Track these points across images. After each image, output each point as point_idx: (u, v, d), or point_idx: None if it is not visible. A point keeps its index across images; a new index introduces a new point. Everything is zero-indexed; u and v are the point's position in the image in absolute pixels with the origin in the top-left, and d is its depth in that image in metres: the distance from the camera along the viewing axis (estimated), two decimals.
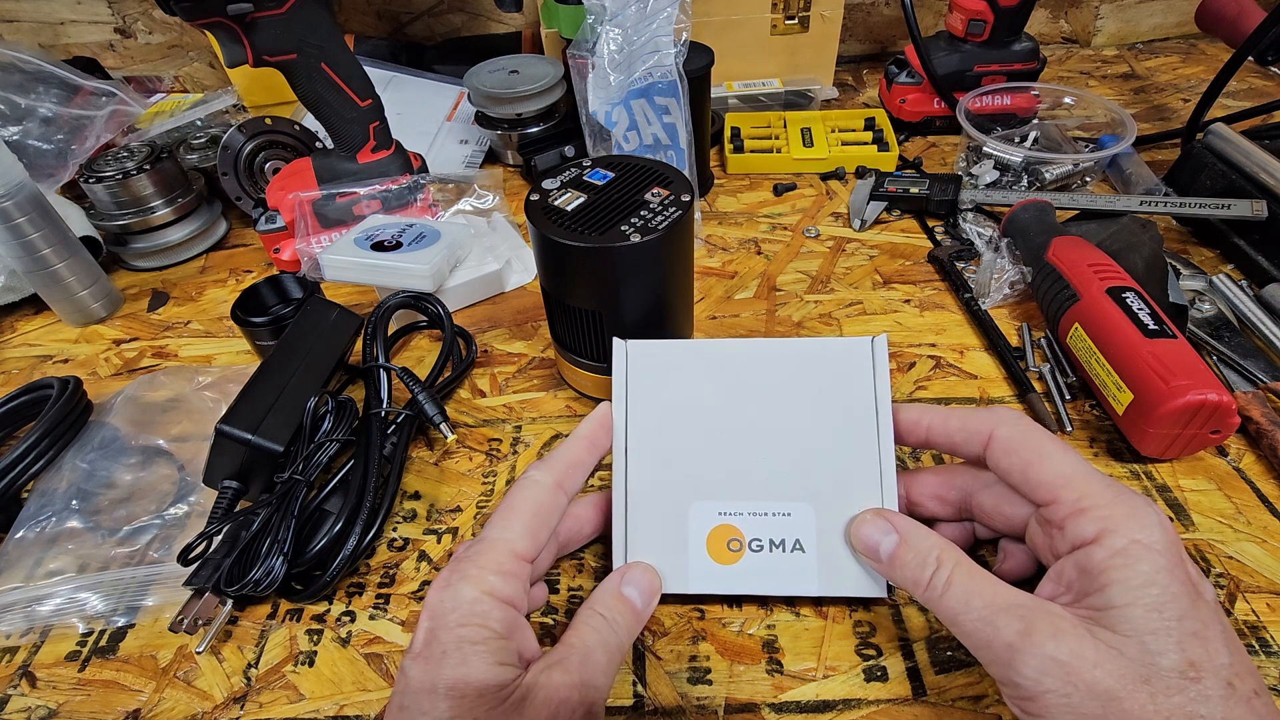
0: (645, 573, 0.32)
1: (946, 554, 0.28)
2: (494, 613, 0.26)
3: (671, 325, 0.43)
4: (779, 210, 0.65)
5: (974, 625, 0.26)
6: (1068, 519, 0.26)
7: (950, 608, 0.27)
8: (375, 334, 0.46)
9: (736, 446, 0.34)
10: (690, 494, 0.34)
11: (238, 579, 0.35)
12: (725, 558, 0.33)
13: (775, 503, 0.33)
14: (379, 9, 0.89)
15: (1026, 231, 0.52)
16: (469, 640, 0.25)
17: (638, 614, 0.31)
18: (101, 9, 0.85)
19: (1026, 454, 0.28)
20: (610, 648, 0.28)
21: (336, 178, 0.57)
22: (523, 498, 0.30)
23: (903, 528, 0.30)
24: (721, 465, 0.34)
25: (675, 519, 0.33)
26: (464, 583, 0.27)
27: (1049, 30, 0.93)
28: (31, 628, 0.37)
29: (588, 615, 0.29)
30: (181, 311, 0.59)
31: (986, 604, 0.26)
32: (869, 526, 0.31)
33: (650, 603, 0.31)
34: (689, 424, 0.34)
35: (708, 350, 0.35)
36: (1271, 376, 0.44)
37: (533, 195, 0.41)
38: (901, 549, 0.29)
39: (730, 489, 0.34)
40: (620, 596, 0.30)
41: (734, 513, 0.33)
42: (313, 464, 0.38)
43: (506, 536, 0.28)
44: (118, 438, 0.44)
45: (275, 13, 0.49)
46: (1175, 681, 0.22)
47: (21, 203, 0.50)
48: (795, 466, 0.34)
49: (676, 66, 0.52)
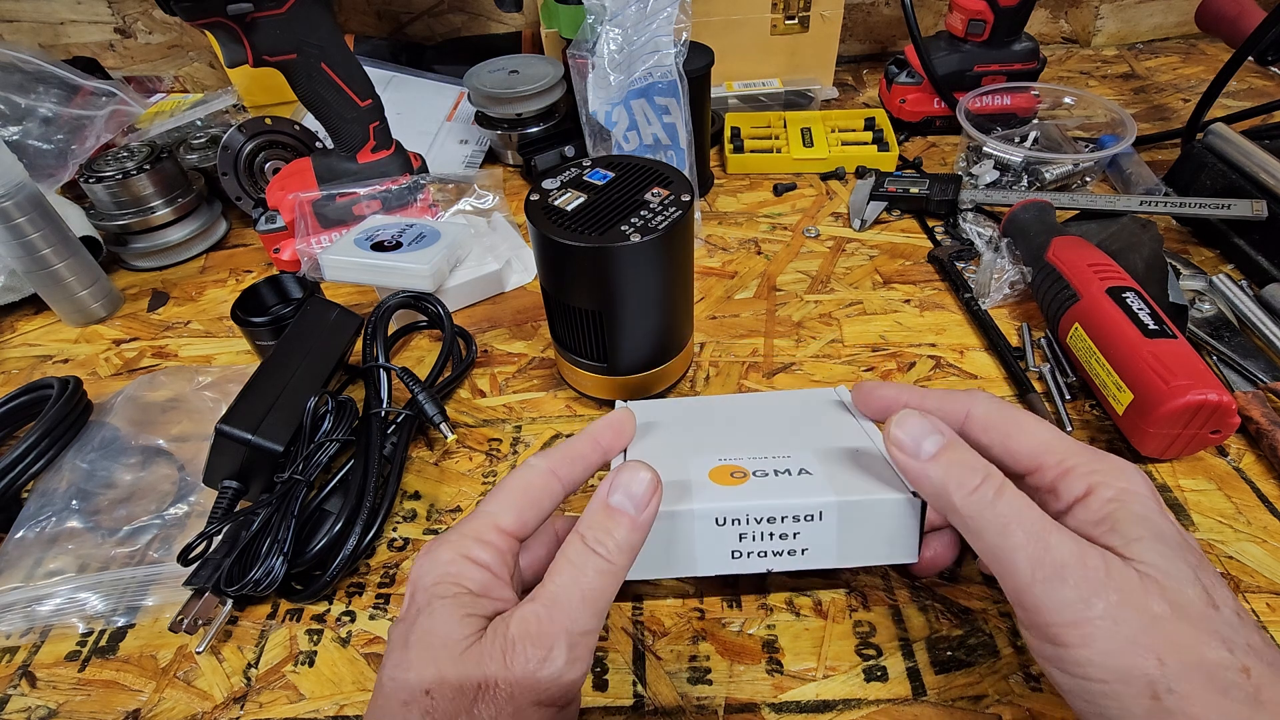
0: (635, 472, 0.27)
1: (994, 469, 0.26)
2: (468, 572, 0.26)
3: (671, 325, 0.43)
4: (779, 210, 0.65)
5: (1026, 537, 0.24)
6: (1057, 480, 0.26)
7: (1002, 515, 0.25)
8: (375, 334, 0.46)
9: (730, 433, 0.35)
10: (690, 453, 0.33)
11: (238, 579, 0.35)
12: (728, 482, 0.31)
13: (776, 457, 0.32)
14: (379, 9, 0.89)
15: (1026, 231, 0.52)
16: (439, 596, 0.25)
17: (633, 522, 0.27)
18: (101, 9, 0.85)
19: (1005, 427, 0.28)
20: (589, 583, 0.25)
21: (336, 178, 0.57)
22: (513, 478, 0.29)
23: (948, 432, 0.27)
24: (718, 440, 0.34)
25: (676, 471, 0.31)
26: (442, 547, 0.27)
27: (1049, 30, 0.93)
28: (31, 628, 0.37)
29: (569, 541, 0.27)
30: (181, 311, 0.59)
31: (1040, 520, 0.24)
32: (909, 421, 0.28)
33: (647, 504, 0.27)
34: (685, 432, 0.35)
35: (699, 404, 0.39)
36: (1271, 376, 0.44)
37: (533, 195, 0.41)
38: (949, 448, 0.27)
39: (728, 449, 0.33)
40: (607, 510, 0.27)
41: (734, 458, 0.32)
42: (313, 464, 0.38)
43: (490, 510, 0.28)
44: (118, 438, 0.44)
45: (275, 13, 0.49)
46: (1203, 609, 0.23)
47: (21, 203, 0.50)
48: (790, 439, 0.34)
49: (676, 66, 0.52)
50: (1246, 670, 0.22)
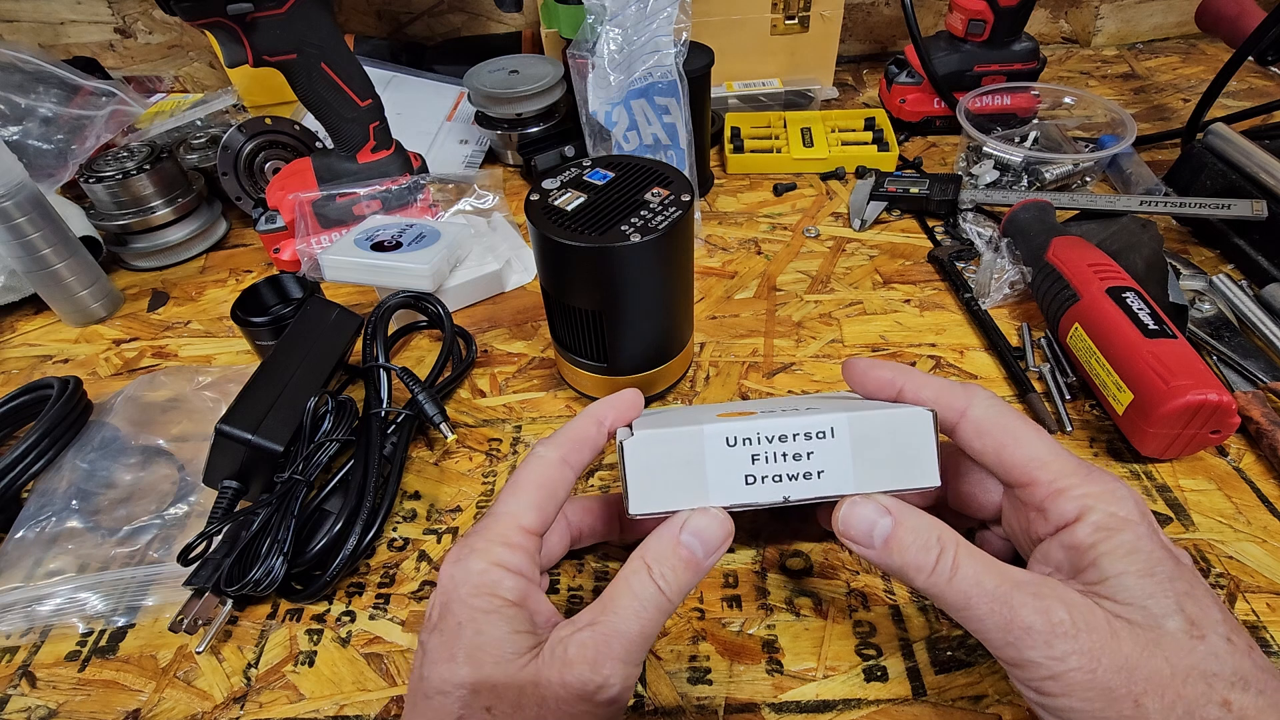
0: (712, 520, 0.27)
1: (946, 535, 0.26)
2: (504, 582, 0.26)
3: (671, 325, 0.43)
4: (779, 210, 0.65)
5: (989, 607, 0.24)
6: (1047, 500, 0.26)
7: (961, 590, 0.25)
8: (375, 334, 0.46)
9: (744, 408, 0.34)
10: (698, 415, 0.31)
11: (238, 579, 0.35)
12: (735, 416, 0.30)
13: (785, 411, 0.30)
14: (379, 9, 0.89)
15: (1026, 231, 0.52)
16: (482, 610, 0.26)
17: (696, 565, 0.27)
18: (101, 9, 0.85)
19: (1000, 436, 0.28)
20: (648, 614, 0.26)
21: (336, 178, 0.57)
22: (529, 472, 0.29)
23: (895, 509, 0.28)
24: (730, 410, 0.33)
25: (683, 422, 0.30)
26: (472, 556, 0.27)
27: (1049, 30, 0.93)
28: (31, 628, 0.37)
29: (634, 569, 0.26)
30: (181, 311, 0.59)
31: (999, 584, 0.24)
32: (859, 508, 0.28)
33: (713, 554, 0.27)
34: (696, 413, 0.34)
35: None
36: (1271, 376, 0.44)
37: (533, 195, 0.41)
38: (900, 530, 0.27)
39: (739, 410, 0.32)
40: (677, 545, 0.27)
41: (742, 410, 0.31)
42: (313, 464, 0.38)
43: (512, 510, 0.28)
44: (118, 438, 0.44)
45: (275, 13, 0.49)
46: (1184, 642, 0.23)
47: (21, 203, 0.50)
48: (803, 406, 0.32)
49: (676, 66, 0.52)
50: (1227, 704, 0.22)
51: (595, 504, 0.35)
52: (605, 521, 0.35)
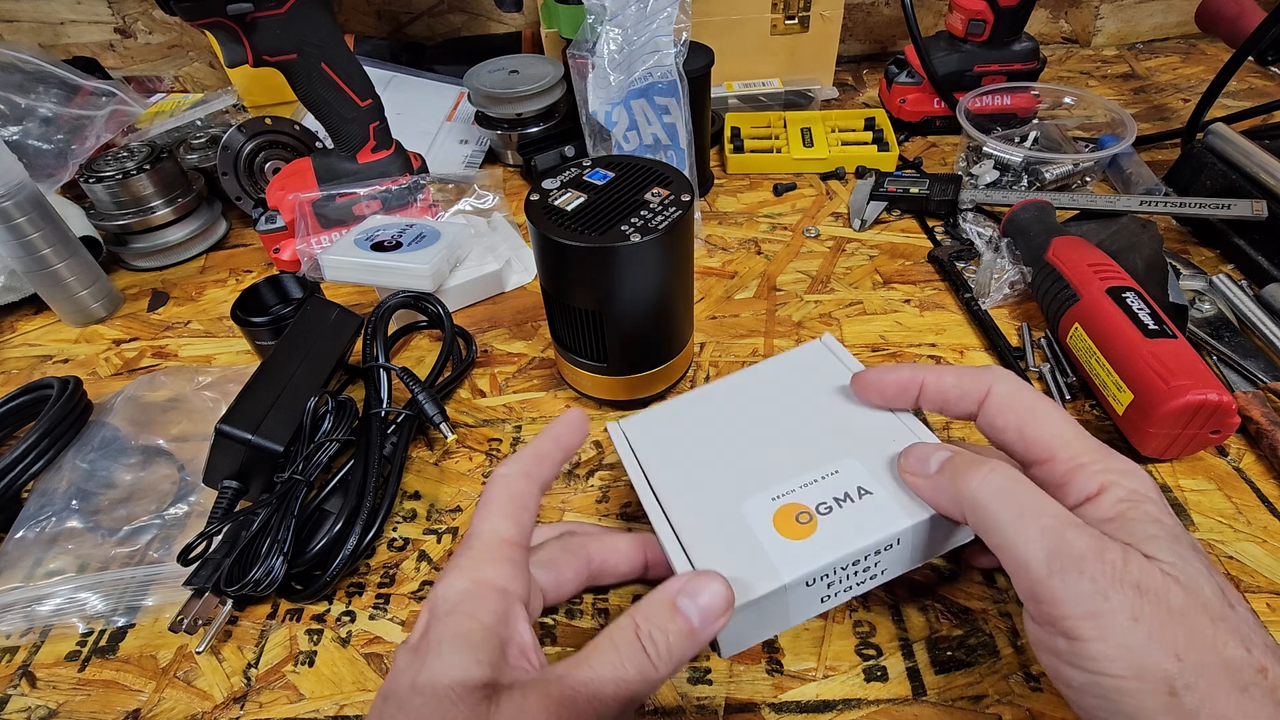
0: (712, 582, 0.25)
1: (1006, 461, 0.27)
2: (486, 603, 0.26)
3: (671, 325, 0.43)
4: (779, 210, 0.65)
5: (1043, 528, 0.24)
6: (1069, 475, 0.26)
7: (1019, 503, 0.25)
8: (375, 334, 0.46)
9: (759, 449, 0.33)
10: (734, 497, 0.31)
11: (238, 579, 0.35)
12: (799, 531, 0.29)
13: (819, 468, 0.31)
14: (379, 9, 0.89)
15: (1026, 231, 0.52)
16: (455, 633, 0.25)
17: (692, 633, 0.25)
18: (101, 9, 0.85)
19: (1022, 413, 0.28)
20: (628, 681, 0.23)
21: (336, 178, 0.57)
22: (494, 491, 0.29)
23: (954, 450, 0.28)
24: (750, 464, 0.32)
25: (734, 526, 0.30)
26: (457, 574, 0.27)
27: (1049, 30, 0.93)
28: (31, 628, 0.37)
29: (620, 624, 0.25)
30: (181, 311, 0.59)
31: (1058, 514, 0.24)
32: (916, 450, 0.29)
33: (713, 622, 0.25)
34: (706, 457, 0.34)
35: (693, 400, 0.37)
36: (1271, 376, 0.44)
37: (533, 195, 0.41)
38: (955, 457, 0.28)
39: (770, 476, 0.32)
40: (673, 609, 0.25)
41: (786, 492, 0.31)
42: (313, 464, 0.38)
43: (488, 528, 0.28)
44: (118, 438, 0.44)
45: (275, 13, 0.49)
46: (1220, 608, 0.22)
47: (21, 203, 0.50)
48: (819, 438, 0.33)
49: (676, 66, 0.52)
50: (1264, 670, 0.22)
51: (624, 544, 0.34)
52: (632, 561, 0.34)
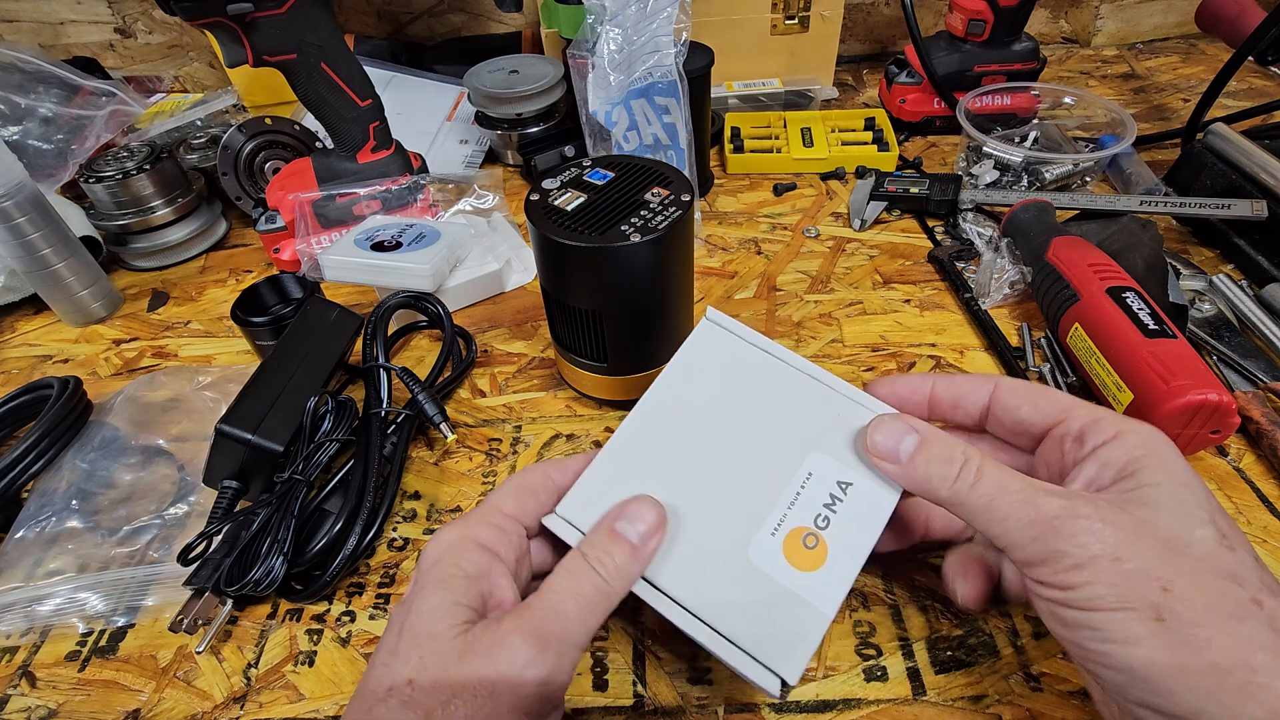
0: (643, 504, 0.28)
1: (970, 450, 0.27)
2: (469, 554, 0.27)
3: (672, 325, 0.43)
4: (779, 210, 0.65)
5: (1014, 506, 0.25)
6: (1086, 427, 0.28)
7: (985, 493, 0.26)
8: (375, 334, 0.46)
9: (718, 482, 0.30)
10: (734, 547, 0.29)
11: (238, 579, 0.35)
12: (816, 559, 0.28)
13: (792, 477, 0.30)
14: (379, 9, 0.89)
15: (1026, 231, 0.52)
16: (434, 580, 0.26)
17: (634, 551, 0.27)
18: (101, 9, 0.85)
19: (1033, 393, 0.30)
20: (585, 594, 0.26)
21: (336, 178, 0.57)
22: (510, 478, 0.31)
23: (922, 428, 0.29)
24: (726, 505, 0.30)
25: (751, 580, 0.28)
26: (447, 530, 0.28)
27: (1049, 30, 0.93)
28: (31, 628, 0.37)
29: (571, 556, 0.27)
30: (181, 311, 0.59)
31: (1022, 485, 0.25)
32: (885, 427, 0.29)
33: (652, 537, 0.27)
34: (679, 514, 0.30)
35: (620, 450, 0.31)
36: (1271, 376, 0.44)
37: (533, 195, 0.41)
38: (925, 445, 0.28)
39: (753, 509, 0.30)
40: (614, 534, 0.27)
41: (779, 520, 0.29)
42: (313, 464, 0.38)
43: (494, 500, 0.30)
44: (118, 438, 0.44)
45: (275, 13, 0.49)
46: (1214, 549, 0.23)
47: (21, 203, 0.50)
48: (771, 444, 0.31)
49: (676, 66, 0.52)
50: (1258, 602, 0.22)
51: None
52: None
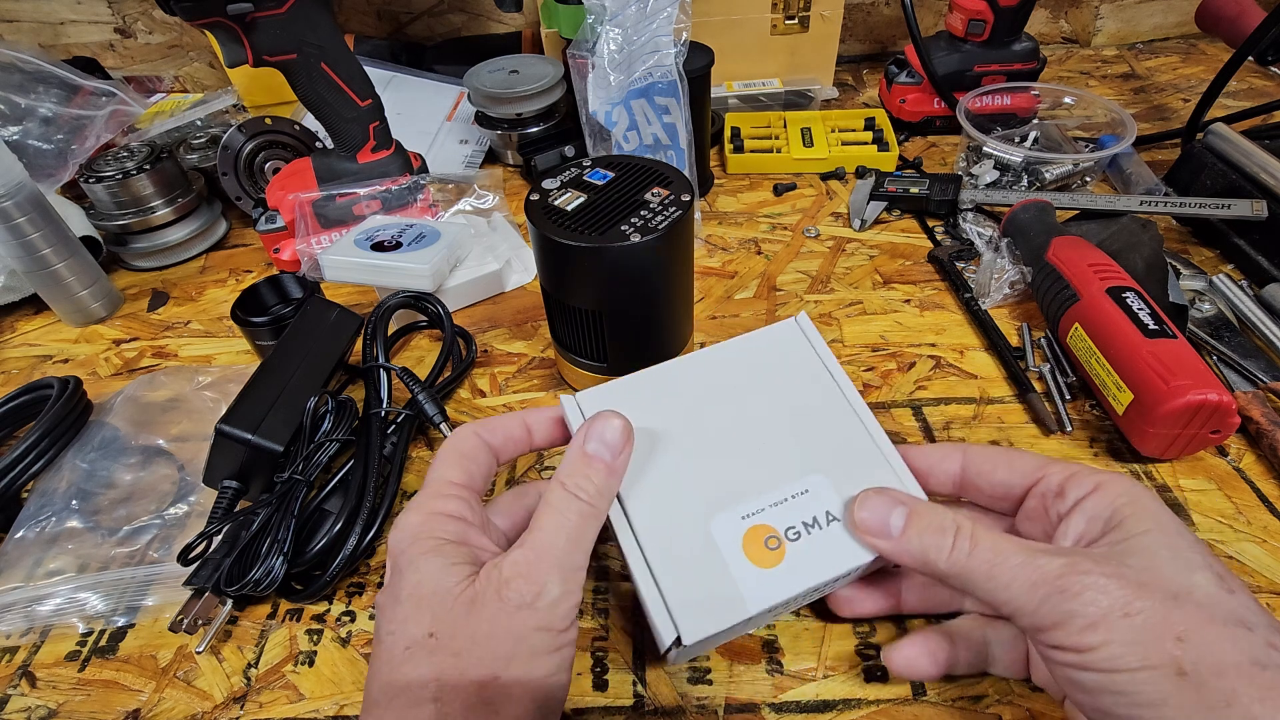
0: (608, 420, 0.29)
1: (961, 517, 0.27)
2: (441, 526, 0.28)
3: (672, 325, 0.43)
4: (779, 210, 0.65)
5: (1015, 570, 0.24)
6: (1066, 481, 0.28)
7: (985, 560, 0.25)
8: (375, 334, 0.46)
9: (724, 451, 0.32)
10: (703, 512, 0.30)
11: (238, 579, 0.35)
12: (769, 559, 0.29)
13: (788, 484, 0.31)
14: (379, 9, 0.89)
15: (1026, 231, 0.52)
16: (420, 552, 0.27)
17: (609, 468, 0.28)
18: (101, 9, 0.85)
19: (1005, 454, 0.30)
20: (573, 522, 0.27)
21: (336, 178, 0.57)
22: (443, 448, 0.31)
23: (909, 501, 0.28)
24: (719, 473, 0.31)
25: (702, 545, 0.29)
26: (407, 514, 0.28)
27: (1049, 30, 0.93)
28: (31, 628, 0.37)
29: (551, 489, 0.28)
30: (181, 311, 0.59)
31: (1020, 548, 0.25)
32: (870, 503, 0.28)
33: (622, 449, 0.29)
34: (669, 450, 0.32)
35: (654, 377, 0.34)
36: (1271, 376, 0.44)
37: (533, 195, 0.41)
38: (915, 517, 0.27)
39: (739, 490, 0.31)
40: (585, 457, 0.28)
41: (756, 510, 0.30)
42: (313, 464, 0.38)
43: (436, 476, 0.30)
44: (118, 438, 0.44)
45: (275, 13, 0.49)
46: (1216, 593, 0.23)
47: (21, 203, 0.50)
48: (789, 448, 0.32)
49: (676, 66, 0.52)
50: (1274, 645, 0.22)
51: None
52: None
